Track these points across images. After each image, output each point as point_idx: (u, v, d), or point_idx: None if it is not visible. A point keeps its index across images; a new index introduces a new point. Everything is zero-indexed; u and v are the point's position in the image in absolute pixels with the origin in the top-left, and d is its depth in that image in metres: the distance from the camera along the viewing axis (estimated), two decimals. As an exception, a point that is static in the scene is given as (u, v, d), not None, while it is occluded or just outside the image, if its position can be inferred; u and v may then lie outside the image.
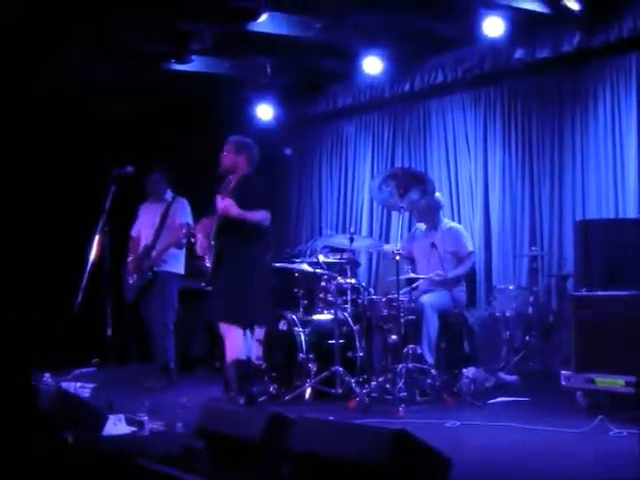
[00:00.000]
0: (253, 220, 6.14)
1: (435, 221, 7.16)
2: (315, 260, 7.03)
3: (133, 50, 7.79)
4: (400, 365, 6.14)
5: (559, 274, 7.49)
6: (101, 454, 4.34)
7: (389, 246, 7.39)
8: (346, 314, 6.82)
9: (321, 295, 7.01)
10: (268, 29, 7.37)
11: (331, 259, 7.20)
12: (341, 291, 6.88)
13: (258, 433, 3.78)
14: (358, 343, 6.73)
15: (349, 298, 6.90)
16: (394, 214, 8.80)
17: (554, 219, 7.77)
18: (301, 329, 6.71)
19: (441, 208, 7.27)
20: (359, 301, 6.97)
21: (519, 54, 7.62)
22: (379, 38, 7.79)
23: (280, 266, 7.32)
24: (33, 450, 3.98)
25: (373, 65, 8.09)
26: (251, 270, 6.16)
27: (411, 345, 6.39)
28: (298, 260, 7.43)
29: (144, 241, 7.62)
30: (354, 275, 7.49)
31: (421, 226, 7.34)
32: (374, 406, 5.94)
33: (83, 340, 7.55)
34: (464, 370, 6.51)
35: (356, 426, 3.81)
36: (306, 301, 7.08)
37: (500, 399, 6.23)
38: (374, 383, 6.20)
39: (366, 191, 9.27)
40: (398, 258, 6.29)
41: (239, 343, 6.18)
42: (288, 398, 6.32)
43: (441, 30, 7.80)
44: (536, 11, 7.05)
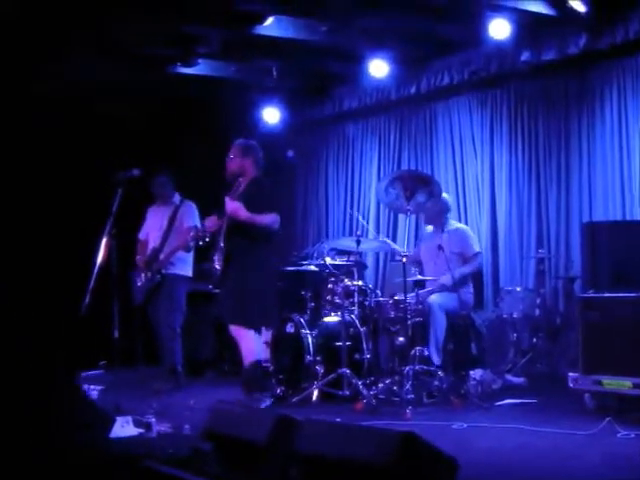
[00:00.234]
0: (262, 223, 6.16)
1: (442, 223, 7.15)
2: (322, 262, 7.05)
3: (139, 52, 7.80)
4: (407, 367, 6.14)
5: (566, 276, 7.48)
6: (108, 456, 4.35)
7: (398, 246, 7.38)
8: (353, 316, 6.82)
9: (328, 297, 7.00)
10: (274, 32, 7.40)
11: (338, 261, 7.21)
12: (348, 293, 6.89)
13: (265, 435, 3.77)
14: (365, 345, 6.74)
15: (356, 300, 6.90)
16: (400, 217, 8.80)
17: (561, 221, 7.76)
18: (308, 331, 6.72)
19: (449, 210, 7.26)
20: (366, 303, 6.96)
21: (525, 56, 7.62)
22: (385, 41, 7.80)
23: (287, 268, 7.32)
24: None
25: (379, 68, 8.11)
26: (258, 273, 6.17)
27: (418, 347, 6.39)
28: (305, 262, 7.44)
29: (152, 244, 7.63)
30: (361, 277, 7.49)
31: (429, 228, 7.34)
32: (381, 408, 5.94)
33: (91, 342, 7.55)
34: (471, 372, 6.50)
35: (363, 428, 3.80)
36: (313, 303, 7.08)
37: (507, 401, 6.21)
38: (381, 385, 6.20)
39: (372, 194, 9.28)
40: (405, 260, 6.30)
41: (255, 344, 6.19)
42: (295, 400, 6.33)
43: (447, 32, 7.81)
44: (542, 13, 7.05)
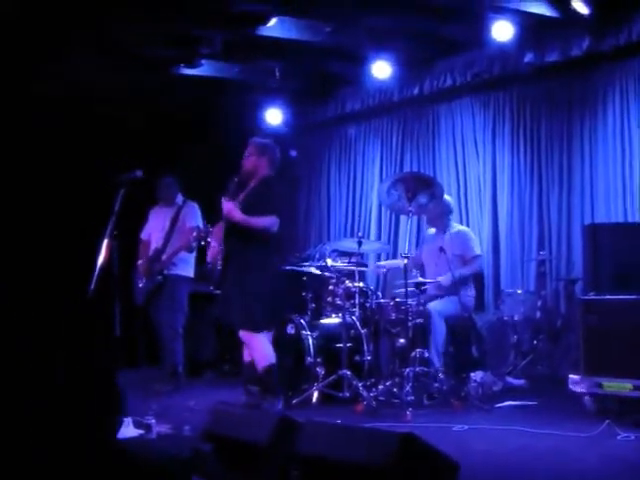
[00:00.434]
0: (257, 226, 6.03)
1: (445, 225, 7.16)
2: (323, 264, 7.04)
3: (141, 53, 7.79)
4: (408, 369, 6.15)
5: (567, 278, 7.47)
6: (108, 456, 4.35)
7: (397, 261, 7.37)
8: (354, 318, 6.82)
9: (329, 299, 7.01)
10: (277, 33, 7.40)
11: (339, 263, 7.21)
12: (349, 295, 6.88)
13: (266, 437, 3.78)
14: (366, 347, 6.74)
15: (357, 302, 6.90)
16: (402, 218, 8.80)
17: (562, 223, 7.75)
18: (309, 333, 6.72)
19: (451, 212, 7.27)
20: (367, 305, 6.97)
21: (528, 58, 7.61)
22: (388, 42, 7.80)
23: (288, 269, 7.32)
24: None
25: (382, 69, 8.11)
26: (257, 274, 6.05)
27: (419, 349, 6.38)
28: (306, 264, 7.44)
29: (154, 244, 7.63)
30: (362, 279, 7.48)
31: (431, 230, 7.34)
32: (381, 410, 5.95)
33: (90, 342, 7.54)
34: (472, 374, 6.49)
35: (364, 430, 3.81)
36: (314, 305, 7.08)
37: (508, 403, 6.21)
38: (382, 387, 6.21)
39: (375, 195, 9.27)
40: (406, 262, 6.30)
41: (265, 348, 6.11)
42: (296, 402, 6.33)
43: (450, 34, 7.81)
44: (545, 15, 7.05)
